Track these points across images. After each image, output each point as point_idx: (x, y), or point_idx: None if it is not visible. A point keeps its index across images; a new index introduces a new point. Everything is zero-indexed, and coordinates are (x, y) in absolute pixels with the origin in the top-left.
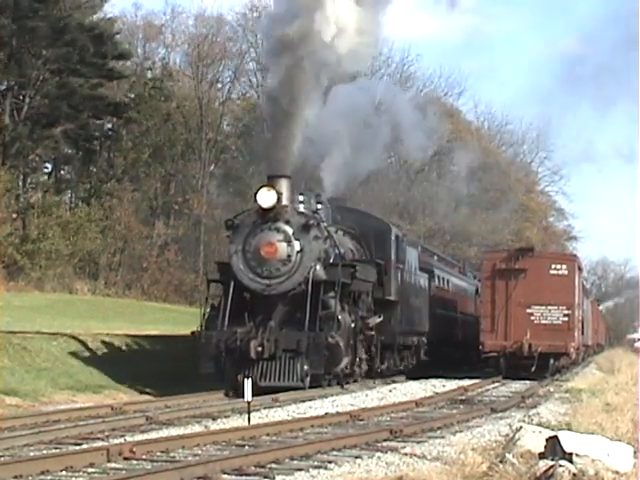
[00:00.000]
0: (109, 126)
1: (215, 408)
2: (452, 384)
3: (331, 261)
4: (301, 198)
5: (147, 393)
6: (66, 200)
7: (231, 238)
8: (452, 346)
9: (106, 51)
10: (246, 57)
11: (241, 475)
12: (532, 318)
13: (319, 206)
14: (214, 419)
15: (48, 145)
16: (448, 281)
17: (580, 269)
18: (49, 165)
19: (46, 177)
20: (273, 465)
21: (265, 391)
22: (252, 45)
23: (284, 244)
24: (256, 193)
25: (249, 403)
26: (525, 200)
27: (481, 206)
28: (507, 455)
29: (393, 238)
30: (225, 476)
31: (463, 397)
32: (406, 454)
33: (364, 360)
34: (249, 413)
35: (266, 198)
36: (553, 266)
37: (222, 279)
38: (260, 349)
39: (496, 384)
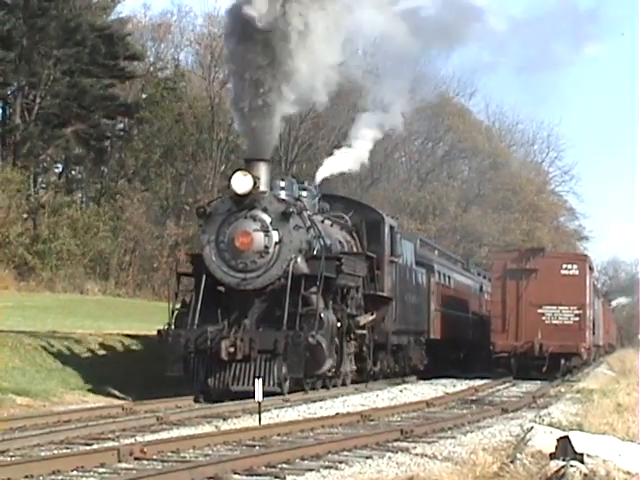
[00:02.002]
0: (120, 126)
1: (226, 408)
2: (463, 384)
3: (315, 253)
4: (282, 184)
5: (155, 394)
6: (77, 200)
7: (203, 227)
8: (455, 346)
9: (117, 52)
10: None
11: (252, 475)
12: (543, 318)
13: (303, 193)
14: (225, 419)
15: (59, 145)
16: (450, 277)
17: (591, 269)
18: (60, 165)
19: (57, 177)
20: (284, 465)
21: (238, 396)
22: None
23: (261, 234)
24: (230, 178)
25: (260, 403)
26: (536, 200)
27: (492, 206)
28: (518, 455)
29: (387, 229)
30: (236, 476)
31: (474, 397)
32: (417, 454)
33: (352, 362)
34: (260, 413)
35: (241, 183)
36: (564, 266)
37: (193, 272)
38: (232, 350)
39: (507, 384)
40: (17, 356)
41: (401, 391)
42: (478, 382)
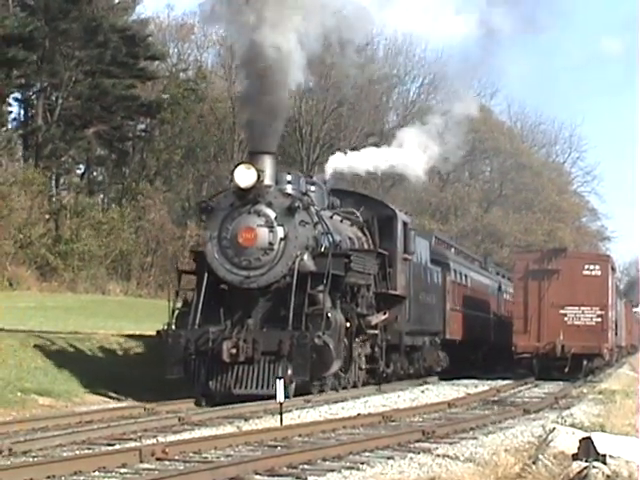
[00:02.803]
0: (142, 127)
1: (247, 409)
2: (485, 385)
3: (322, 250)
4: (288, 178)
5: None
6: (99, 201)
7: (206, 223)
8: (473, 347)
9: (138, 52)
10: None
11: (273, 476)
12: (565, 319)
13: (312, 188)
14: (246, 420)
15: (81, 146)
16: (466, 276)
17: (613, 270)
18: (82, 166)
19: (79, 178)
20: (305, 466)
21: (241, 399)
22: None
23: (265, 230)
24: (233, 171)
25: (281, 404)
26: (558, 200)
27: (513, 206)
28: (540, 456)
29: (400, 226)
30: (257, 477)
31: (496, 398)
32: (439, 455)
33: (364, 363)
34: (281, 414)
35: (244, 176)
36: (586, 267)
37: (194, 270)
38: (235, 351)
39: (529, 385)
40: (39, 356)
41: (423, 392)
42: (500, 383)
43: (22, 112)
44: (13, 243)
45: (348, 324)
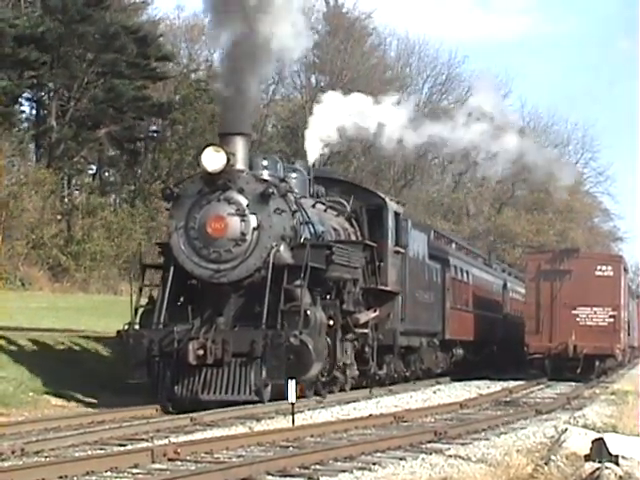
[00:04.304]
0: (154, 128)
1: (259, 409)
2: (497, 386)
3: (302, 241)
4: (265, 163)
5: None
6: (111, 202)
7: (171, 212)
8: (475, 347)
9: (150, 53)
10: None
11: (285, 476)
12: (577, 319)
13: (293, 174)
14: (258, 420)
15: (93, 147)
16: (468, 273)
17: (626, 270)
18: (94, 167)
19: (91, 179)
20: (317, 466)
21: (209, 406)
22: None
23: (236, 219)
24: (200, 154)
25: (293, 404)
26: (570, 201)
27: (525, 207)
28: (552, 457)
29: (391, 216)
30: (269, 477)
31: (508, 399)
32: (451, 456)
33: (353, 365)
34: (293, 414)
35: (213, 160)
36: (599, 267)
37: (159, 264)
38: (202, 352)
39: (541, 386)
40: (52, 356)
41: (434, 392)
42: (512, 383)
43: (34, 112)
44: (25, 243)
45: (331, 322)
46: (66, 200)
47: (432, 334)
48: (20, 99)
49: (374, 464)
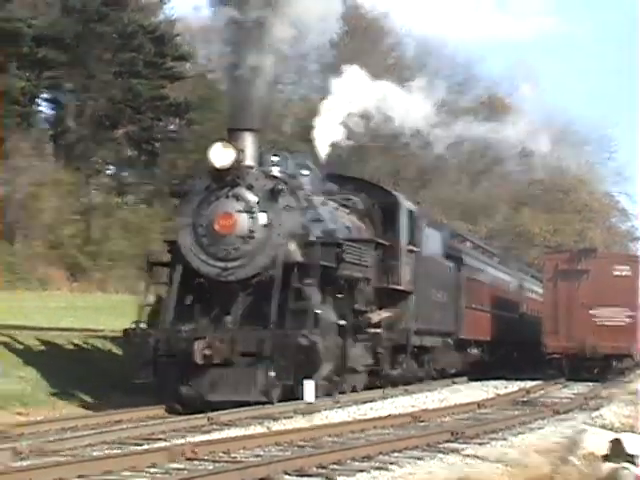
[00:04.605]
0: (171, 128)
1: (277, 409)
2: (514, 386)
3: (312, 239)
4: (275, 159)
5: None
6: (128, 202)
7: (179, 209)
8: (491, 347)
9: (167, 52)
10: (308, 59)
11: (303, 476)
12: (595, 319)
13: (304, 172)
14: (275, 420)
15: (111, 147)
16: (484, 272)
17: None
18: (112, 167)
19: (109, 179)
20: (335, 466)
21: (216, 407)
22: (314, 47)
23: (245, 216)
24: (209, 150)
25: (310, 404)
26: (588, 201)
27: (543, 207)
28: (570, 457)
29: (404, 214)
30: (287, 477)
31: (525, 399)
32: (468, 455)
33: (362, 365)
34: (310, 414)
35: (221, 156)
36: (616, 267)
37: (166, 262)
38: (209, 352)
39: (559, 386)
40: (69, 356)
41: (452, 392)
42: (529, 383)
43: (53, 113)
44: (43, 243)
45: (342, 321)
46: (84, 200)
47: (446, 334)
48: (38, 99)
49: (391, 464)
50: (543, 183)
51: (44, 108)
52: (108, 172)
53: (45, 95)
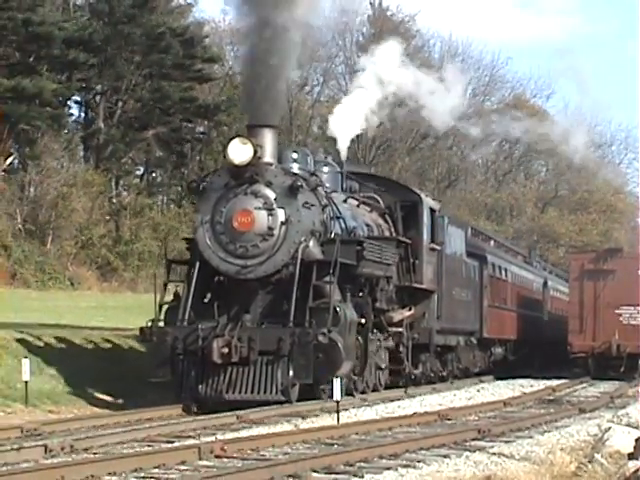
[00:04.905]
0: (200, 129)
1: (304, 407)
2: (540, 384)
3: (332, 236)
4: (294, 156)
5: None
6: (158, 202)
7: (197, 205)
8: (513, 347)
9: (196, 54)
10: (335, 60)
11: (330, 473)
12: (620, 319)
13: (325, 169)
14: (303, 418)
15: (140, 148)
16: (507, 270)
17: None
18: (141, 168)
19: (138, 180)
20: (362, 464)
21: (233, 406)
22: (341, 49)
23: (264, 213)
24: (227, 146)
25: (338, 402)
26: (613, 201)
27: (569, 207)
28: (596, 455)
29: (426, 212)
30: (315, 474)
31: (551, 397)
32: (494, 453)
33: (386, 364)
34: (338, 412)
35: (239, 152)
36: None
37: (185, 259)
38: (226, 350)
39: (584, 384)
40: (99, 355)
41: (478, 391)
42: (555, 382)
43: (83, 114)
44: (74, 244)
45: (363, 320)
46: (114, 201)
47: (470, 333)
48: (69, 102)
49: (418, 462)
50: (569, 183)
51: (75, 111)
52: (138, 173)
53: (76, 97)
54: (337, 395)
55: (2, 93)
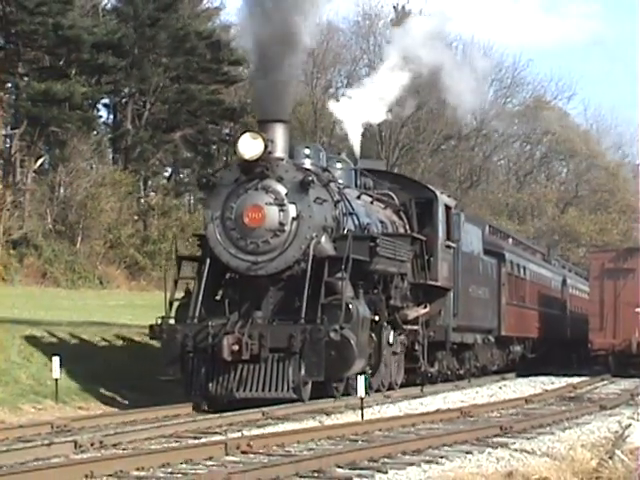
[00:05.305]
0: (226, 131)
1: (329, 404)
2: (561, 382)
3: (344, 233)
4: (307, 151)
5: None
6: (185, 202)
7: (207, 201)
8: (531, 345)
9: (223, 57)
10: (359, 63)
11: (355, 469)
12: None
13: (338, 165)
14: (328, 414)
15: (168, 149)
16: (525, 268)
17: None
18: (169, 168)
19: (166, 180)
20: (386, 460)
21: (245, 404)
22: (365, 52)
23: (274, 208)
24: (237, 141)
25: (362, 399)
26: (633, 201)
27: (589, 207)
28: (616, 451)
29: (441, 209)
30: (339, 470)
31: (572, 394)
32: (516, 450)
33: (401, 362)
34: (362, 409)
35: (249, 147)
36: None
37: (196, 256)
38: (237, 348)
39: (605, 382)
40: (128, 352)
41: (500, 388)
42: (576, 379)
43: (111, 117)
44: (103, 243)
45: (376, 317)
46: (142, 201)
47: (487, 330)
48: (98, 104)
49: (441, 458)
50: (589, 184)
51: (104, 113)
52: (165, 174)
53: (105, 100)
54: (361, 392)
55: (33, 96)
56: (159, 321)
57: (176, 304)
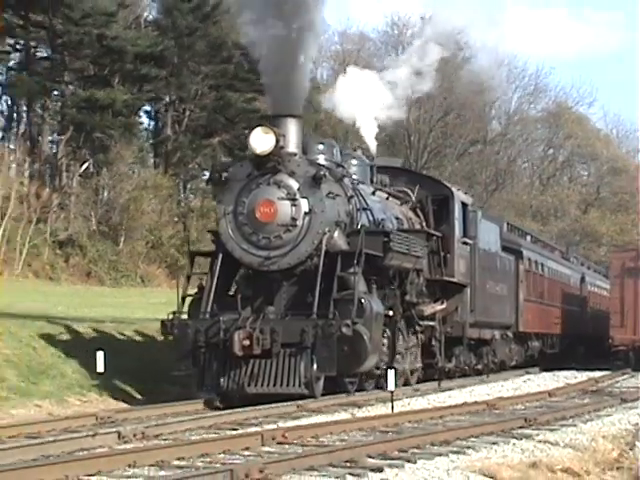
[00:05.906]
0: None
1: (360, 397)
2: (583, 376)
3: (357, 228)
4: (321, 147)
5: None
6: None
7: (219, 196)
8: (549, 341)
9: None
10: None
11: (385, 459)
12: None
13: (353, 161)
14: (359, 407)
15: (206, 154)
16: (543, 265)
17: None
18: (207, 172)
19: (204, 183)
20: (415, 450)
21: (258, 400)
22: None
23: (287, 203)
24: (249, 135)
25: (392, 392)
26: None
27: (610, 208)
28: (637, 443)
29: (458, 206)
30: (370, 460)
31: (594, 388)
32: (540, 441)
33: (417, 358)
34: (392, 402)
35: (261, 141)
36: None
37: (208, 251)
38: (248, 343)
39: (626, 376)
40: (168, 347)
41: (524, 382)
42: (598, 374)
43: (153, 123)
44: (145, 243)
45: (390, 312)
46: (182, 203)
47: (505, 326)
48: (139, 111)
49: (468, 448)
50: (610, 186)
51: (145, 120)
52: (204, 177)
53: (146, 107)
54: (391, 385)
55: (77, 103)
56: (171, 316)
57: (189, 300)
